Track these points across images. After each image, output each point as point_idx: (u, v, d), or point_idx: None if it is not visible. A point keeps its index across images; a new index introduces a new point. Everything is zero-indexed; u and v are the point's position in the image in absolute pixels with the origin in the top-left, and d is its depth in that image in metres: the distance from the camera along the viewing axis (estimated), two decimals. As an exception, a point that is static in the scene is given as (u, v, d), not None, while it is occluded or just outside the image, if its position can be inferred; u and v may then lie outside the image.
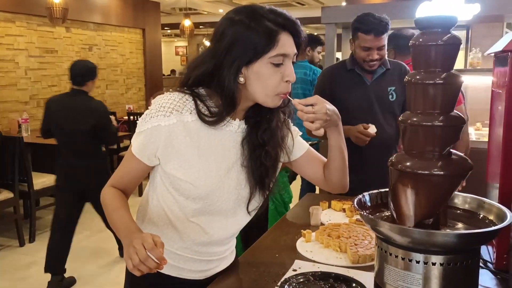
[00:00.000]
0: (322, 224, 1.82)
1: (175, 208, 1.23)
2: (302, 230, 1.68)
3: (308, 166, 1.36)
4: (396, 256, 0.99)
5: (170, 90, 1.19)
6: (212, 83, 1.15)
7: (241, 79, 1.12)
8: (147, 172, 1.25)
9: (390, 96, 2.31)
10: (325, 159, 1.35)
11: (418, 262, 0.96)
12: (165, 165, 1.19)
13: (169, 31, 13.93)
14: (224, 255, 1.36)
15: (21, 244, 4.00)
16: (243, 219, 1.32)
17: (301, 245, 1.60)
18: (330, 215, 1.94)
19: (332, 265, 1.44)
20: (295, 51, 1.15)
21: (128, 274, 1.35)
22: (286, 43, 1.12)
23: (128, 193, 1.25)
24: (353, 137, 2.15)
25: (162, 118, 1.13)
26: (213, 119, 1.15)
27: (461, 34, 6.08)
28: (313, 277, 1.33)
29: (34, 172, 4.27)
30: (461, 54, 6.33)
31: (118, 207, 1.16)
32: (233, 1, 8.98)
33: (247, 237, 2.31)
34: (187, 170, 1.16)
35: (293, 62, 1.17)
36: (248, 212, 1.29)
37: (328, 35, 3.83)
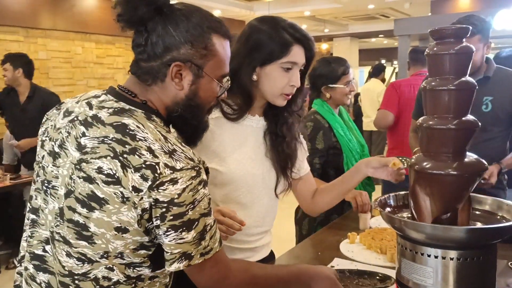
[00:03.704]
0: (370, 228, 1.88)
1: None
2: (348, 233, 1.76)
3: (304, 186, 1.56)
4: (411, 250, 1.06)
5: None
6: (234, 83, 1.32)
7: (254, 77, 1.33)
8: None
9: (484, 107, 2.10)
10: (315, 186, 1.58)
11: (429, 256, 1.02)
12: None
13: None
14: (255, 246, 1.47)
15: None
16: (270, 206, 1.46)
17: (344, 246, 1.69)
18: (381, 221, 1.98)
19: (370, 264, 1.51)
20: (304, 61, 1.35)
21: None
22: (297, 54, 1.33)
23: None
24: None
25: None
26: (235, 116, 1.36)
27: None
28: (350, 273, 1.41)
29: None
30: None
31: None
32: (315, 16, 9.14)
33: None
34: (213, 159, 1.35)
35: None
36: (276, 195, 1.46)
37: (401, 47, 3.81)
